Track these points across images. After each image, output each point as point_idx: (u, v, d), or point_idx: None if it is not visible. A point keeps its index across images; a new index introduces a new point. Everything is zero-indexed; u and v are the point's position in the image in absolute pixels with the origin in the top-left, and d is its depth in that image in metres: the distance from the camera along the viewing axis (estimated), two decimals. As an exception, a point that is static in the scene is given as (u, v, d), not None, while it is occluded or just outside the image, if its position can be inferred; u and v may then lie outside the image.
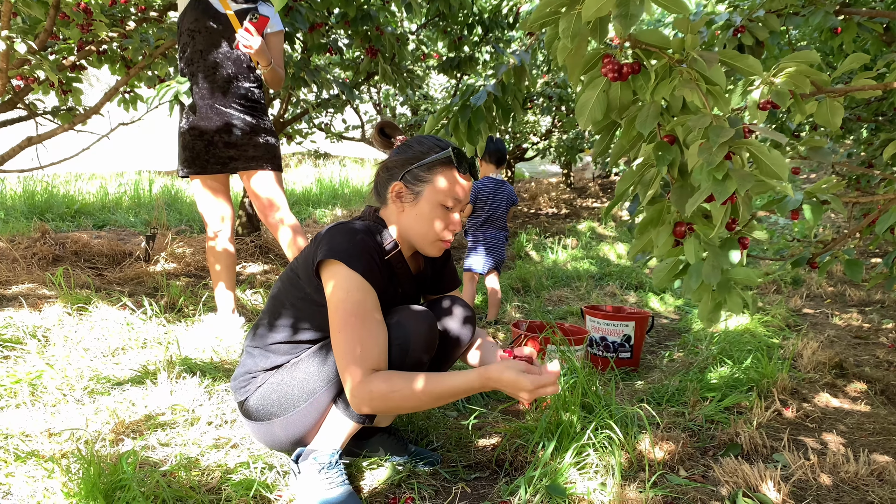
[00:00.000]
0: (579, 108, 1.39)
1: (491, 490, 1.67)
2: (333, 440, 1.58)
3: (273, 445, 1.68)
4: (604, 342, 2.94)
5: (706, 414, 2.16)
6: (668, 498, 1.60)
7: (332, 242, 1.51)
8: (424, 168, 1.59)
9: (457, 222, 1.63)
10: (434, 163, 1.59)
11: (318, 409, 1.58)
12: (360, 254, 1.49)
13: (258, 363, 1.65)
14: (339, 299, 1.46)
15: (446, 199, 1.59)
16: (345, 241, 1.50)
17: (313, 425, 1.60)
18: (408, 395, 1.40)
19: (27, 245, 4.19)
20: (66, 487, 1.39)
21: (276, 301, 1.67)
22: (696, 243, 1.28)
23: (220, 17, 2.78)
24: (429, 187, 1.59)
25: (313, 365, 1.57)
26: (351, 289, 1.46)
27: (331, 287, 1.48)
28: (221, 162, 2.86)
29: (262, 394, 1.61)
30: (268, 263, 4.90)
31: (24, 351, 2.40)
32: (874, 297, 4.40)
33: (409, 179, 1.60)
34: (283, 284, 1.66)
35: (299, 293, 1.60)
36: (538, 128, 9.08)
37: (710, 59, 1.28)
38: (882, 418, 2.23)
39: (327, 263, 1.50)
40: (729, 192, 1.17)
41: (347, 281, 1.46)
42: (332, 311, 1.47)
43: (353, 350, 1.42)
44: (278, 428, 1.62)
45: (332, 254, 1.48)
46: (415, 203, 1.60)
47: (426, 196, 1.59)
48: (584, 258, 5.97)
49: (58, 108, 3.93)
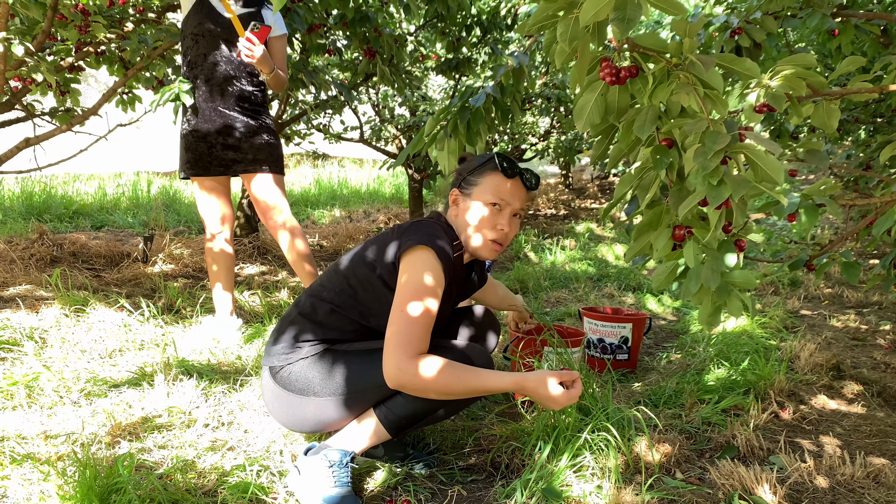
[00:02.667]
0: (577, 111, 1.40)
1: (487, 493, 1.67)
2: (355, 442, 1.59)
3: (292, 422, 1.67)
4: (601, 344, 2.94)
5: (703, 416, 2.16)
6: (665, 500, 1.60)
7: (422, 233, 1.60)
8: (475, 174, 1.74)
9: (505, 223, 1.71)
10: (482, 168, 1.74)
11: (360, 404, 1.59)
12: (445, 248, 1.60)
13: (309, 332, 1.66)
14: (421, 280, 1.53)
15: (492, 198, 1.70)
16: (435, 234, 1.60)
17: (347, 418, 1.61)
18: (450, 379, 1.47)
19: (25, 246, 4.19)
20: (62, 490, 1.39)
21: (340, 276, 1.70)
22: (696, 247, 1.29)
23: (223, 21, 2.80)
24: (478, 188, 1.73)
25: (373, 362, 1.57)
26: (435, 276, 1.55)
27: (415, 268, 1.55)
28: (224, 164, 2.87)
29: (309, 367, 1.62)
30: (266, 265, 4.90)
31: (21, 353, 2.40)
32: (872, 298, 4.40)
33: (463, 186, 1.76)
34: (352, 262, 1.71)
35: (370, 273, 1.65)
36: (537, 129, 9.08)
37: (707, 63, 1.28)
38: (879, 420, 2.23)
39: (418, 249, 1.57)
40: (723, 197, 1.17)
41: (434, 269, 1.55)
42: (410, 288, 1.53)
43: (415, 329, 1.49)
44: (312, 407, 1.61)
45: (425, 241, 1.57)
46: (466, 204, 1.74)
47: (475, 196, 1.72)
48: (583, 259, 5.97)
49: (56, 110, 3.92)
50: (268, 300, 3.68)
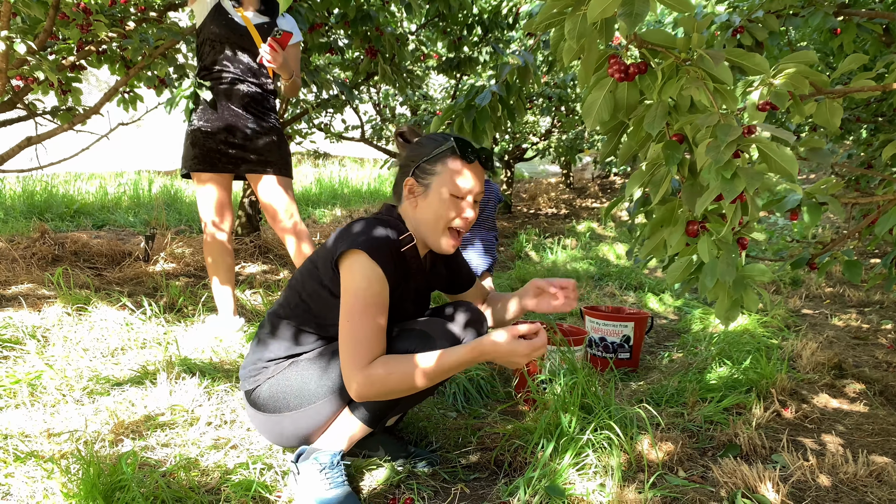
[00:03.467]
0: (586, 109, 1.39)
1: (490, 491, 1.67)
2: (339, 441, 1.58)
3: (277, 440, 1.67)
4: (603, 343, 2.94)
5: (705, 415, 2.16)
6: (667, 499, 1.60)
7: (354, 235, 1.54)
8: (432, 161, 1.64)
9: (468, 214, 1.64)
10: (439, 155, 1.64)
11: (332, 408, 1.58)
12: (382, 247, 1.53)
13: (272, 351, 1.65)
14: (357, 287, 1.49)
15: (453, 188, 1.62)
16: (368, 234, 1.54)
17: (323, 424, 1.60)
18: (404, 375, 1.45)
19: (26, 245, 4.19)
20: (66, 488, 1.39)
21: (293, 291, 1.68)
22: (710, 242, 1.28)
23: (239, 28, 2.86)
24: (436, 178, 1.63)
25: (331, 363, 1.58)
26: (372, 279, 1.50)
27: (351, 275, 1.50)
28: (232, 162, 2.90)
29: (275, 385, 1.61)
30: (267, 263, 4.90)
31: (23, 351, 2.40)
32: (873, 297, 4.40)
33: (418, 174, 1.66)
34: (301, 276, 1.68)
35: (317, 284, 1.61)
36: (538, 128, 9.08)
37: (716, 58, 1.28)
38: (881, 419, 2.23)
39: (350, 254, 1.52)
40: (738, 190, 1.17)
41: (369, 271, 1.50)
42: (349, 297, 1.49)
43: (361, 338, 1.46)
44: (287, 422, 1.61)
45: (356, 244, 1.51)
46: (425, 195, 1.64)
47: (434, 187, 1.63)
48: (584, 259, 5.97)
49: (57, 108, 3.92)
50: (269, 299, 3.68)
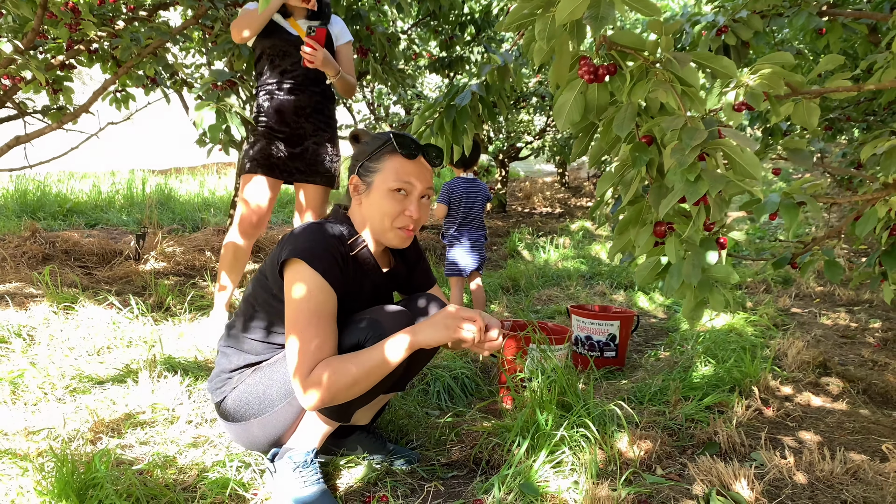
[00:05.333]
0: (557, 109, 1.40)
1: (466, 488, 1.68)
2: (310, 439, 1.58)
3: (251, 446, 1.68)
4: (589, 341, 2.95)
5: (687, 413, 2.17)
6: (642, 496, 1.61)
7: (296, 242, 1.52)
8: (373, 159, 1.64)
9: (414, 209, 1.62)
10: (380, 152, 1.64)
11: (295, 408, 1.59)
12: (323, 254, 1.51)
13: (232, 362, 1.66)
14: (299, 298, 1.48)
15: (394, 183, 1.61)
16: (308, 241, 1.53)
17: (290, 425, 1.61)
18: (348, 374, 1.44)
19: (17, 244, 4.19)
20: (40, 486, 1.39)
21: (247, 302, 1.68)
22: (677, 242, 1.29)
23: (292, 38, 2.88)
24: (377, 175, 1.63)
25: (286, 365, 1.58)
26: (312, 289, 1.48)
27: (292, 286, 1.50)
28: (287, 171, 2.92)
29: (239, 394, 1.62)
30: (259, 263, 4.90)
31: (8, 350, 2.40)
32: (863, 296, 4.41)
33: (361, 172, 1.66)
34: (253, 286, 1.68)
35: (267, 294, 1.61)
36: (532, 127, 9.09)
37: (682, 60, 1.28)
38: (862, 417, 2.24)
39: (290, 263, 1.52)
40: (700, 193, 1.17)
41: (309, 281, 1.49)
42: (291, 309, 1.48)
43: (308, 349, 1.45)
44: (256, 428, 1.62)
45: (295, 253, 1.50)
46: (368, 193, 1.64)
47: (376, 184, 1.63)
48: (576, 257, 5.98)
49: (48, 108, 3.92)
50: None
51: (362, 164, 1.66)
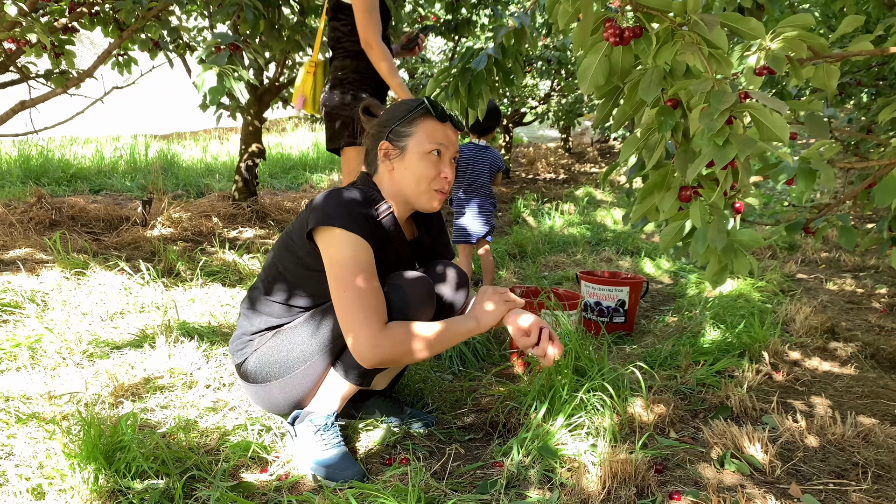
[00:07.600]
0: (581, 73, 1.38)
1: (484, 451, 1.71)
2: (330, 402, 1.61)
3: (271, 408, 1.71)
4: (598, 307, 2.96)
5: (698, 377, 2.19)
6: (658, 459, 1.63)
7: (326, 209, 1.52)
8: (405, 123, 1.65)
9: (448, 170, 1.65)
10: (413, 116, 1.65)
11: (316, 371, 1.60)
12: (357, 217, 1.53)
13: (254, 325, 1.67)
14: (343, 257, 1.50)
15: (431, 145, 1.63)
16: (339, 207, 1.53)
17: (311, 388, 1.63)
18: (416, 342, 1.49)
19: (23, 210, 4.18)
20: (67, 448, 1.41)
21: (271, 265, 1.68)
22: (702, 207, 1.29)
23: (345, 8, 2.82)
24: (412, 139, 1.64)
25: (310, 329, 1.60)
26: (356, 247, 1.51)
27: (333, 248, 1.51)
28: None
29: (260, 356, 1.63)
30: (264, 228, 4.90)
31: (23, 315, 2.41)
32: (869, 262, 4.42)
33: (392, 137, 1.65)
34: (278, 249, 1.68)
35: (293, 258, 1.62)
36: (537, 92, 8.99)
37: (710, 22, 1.26)
38: (871, 381, 2.26)
39: (323, 230, 1.52)
40: (729, 157, 1.16)
41: (350, 242, 1.50)
42: (337, 270, 1.50)
43: (361, 307, 1.47)
44: (276, 390, 1.64)
45: (329, 220, 1.50)
46: (402, 157, 1.64)
47: (411, 147, 1.63)
48: (581, 224, 5.97)
49: (51, 72, 3.88)
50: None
51: (392, 130, 1.65)
